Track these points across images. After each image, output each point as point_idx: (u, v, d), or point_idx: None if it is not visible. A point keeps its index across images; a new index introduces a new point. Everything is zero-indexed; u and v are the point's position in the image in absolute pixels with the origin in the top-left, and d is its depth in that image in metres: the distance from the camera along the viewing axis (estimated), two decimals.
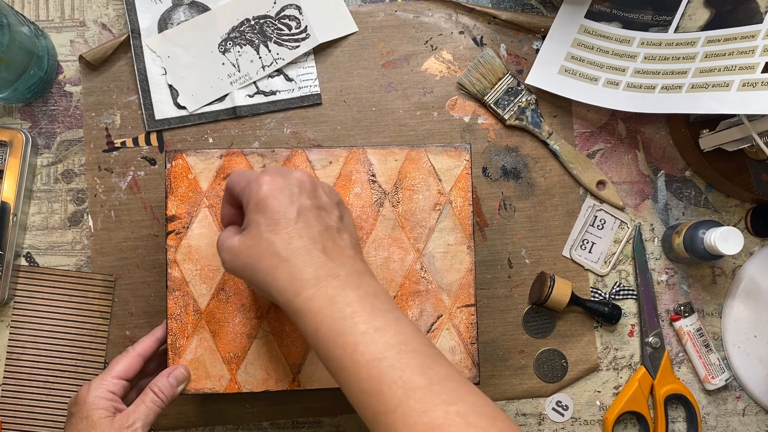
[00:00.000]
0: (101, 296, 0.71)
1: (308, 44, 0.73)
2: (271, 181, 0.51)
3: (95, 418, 0.56)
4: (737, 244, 0.66)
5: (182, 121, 0.73)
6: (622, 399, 0.73)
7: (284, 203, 0.50)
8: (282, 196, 0.50)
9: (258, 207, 0.50)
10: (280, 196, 0.50)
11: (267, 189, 0.50)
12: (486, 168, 0.74)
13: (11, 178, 0.69)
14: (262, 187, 0.51)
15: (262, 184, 0.51)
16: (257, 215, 0.50)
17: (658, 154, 0.76)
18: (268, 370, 0.63)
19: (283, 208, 0.50)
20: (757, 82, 0.62)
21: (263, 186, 0.51)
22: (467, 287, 0.65)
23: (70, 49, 0.74)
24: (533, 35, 0.76)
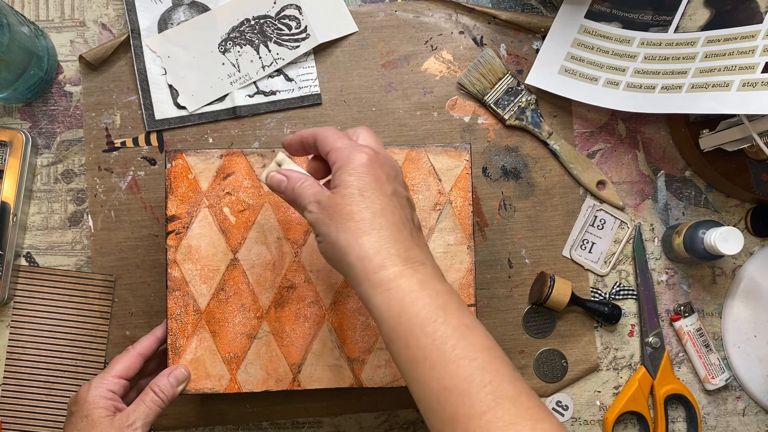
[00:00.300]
0: (101, 296, 0.71)
1: (308, 44, 0.73)
2: (373, 155, 0.49)
3: (95, 417, 0.56)
4: (737, 244, 0.66)
5: (182, 121, 0.73)
6: (622, 399, 0.73)
7: (381, 178, 0.49)
8: (380, 169, 0.49)
9: (356, 170, 0.48)
10: (378, 168, 0.49)
11: (368, 158, 0.48)
12: (486, 168, 0.74)
13: (11, 178, 0.69)
14: (363, 152, 0.49)
15: (364, 149, 0.49)
16: (353, 177, 0.48)
17: (658, 154, 0.76)
18: (268, 370, 0.63)
19: (379, 180, 0.48)
20: (757, 82, 0.62)
21: (364, 154, 0.49)
22: (467, 287, 0.65)
23: (70, 49, 0.74)
24: (533, 35, 0.76)
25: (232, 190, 0.64)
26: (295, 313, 0.63)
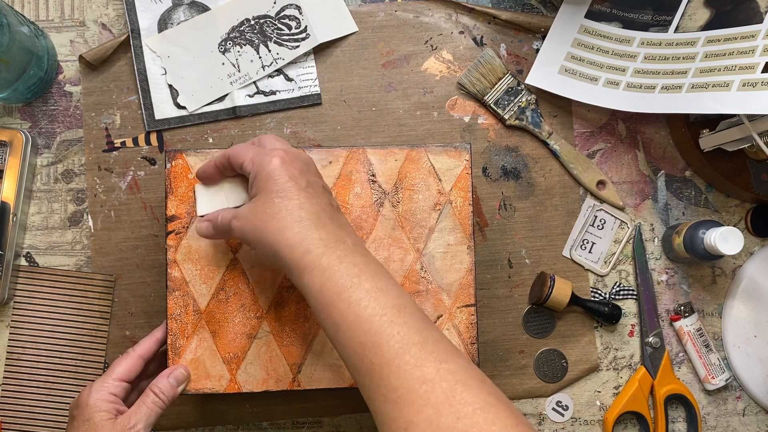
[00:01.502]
0: (101, 296, 0.71)
1: (308, 44, 0.73)
2: (284, 155, 0.54)
3: (97, 421, 0.56)
4: (737, 244, 0.66)
5: (182, 121, 0.73)
6: (622, 399, 0.73)
7: (295, 174, 0.53)
8: (292, 168, 0.53)
9: (270, 177, 0.53)
10: (291, 168, 0.53)
11: (279, 161, 0.53)
12: (486, 168, 0.74)
13: (11, 178, 0.69)
14: (273, 158, 0.53)
15: (273, 155, 0.53)
16: (268, 184, 0.53)
17: (658, 154, 0.76)
18: (268, 370, 0.63)
19: (294, 178, 0.53)
20: (757, 82, 0.62)
21: (275, 158, 0.53)
22: (467, 287, 0.65)
23: (70, 49, 0.74)
24: (533, 35, 0.76)
25: None
26: (295, 313, 0.63)
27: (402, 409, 0.44)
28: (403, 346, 0.46)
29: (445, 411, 0.43)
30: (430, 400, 0.44)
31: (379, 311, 0.48)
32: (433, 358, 0.46)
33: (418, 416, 0.43)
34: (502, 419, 0.43)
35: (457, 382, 0.44)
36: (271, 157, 0.53)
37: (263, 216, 0.52)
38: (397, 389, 0.45)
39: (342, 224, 0.54)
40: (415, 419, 0.43)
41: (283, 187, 0.52)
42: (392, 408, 0.45)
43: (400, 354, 0.46)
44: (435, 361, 0.45)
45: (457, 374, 0.45)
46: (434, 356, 0.46)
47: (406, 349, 0.46)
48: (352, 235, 0.54)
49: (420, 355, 0.46)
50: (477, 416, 0.43)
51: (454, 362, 0.46)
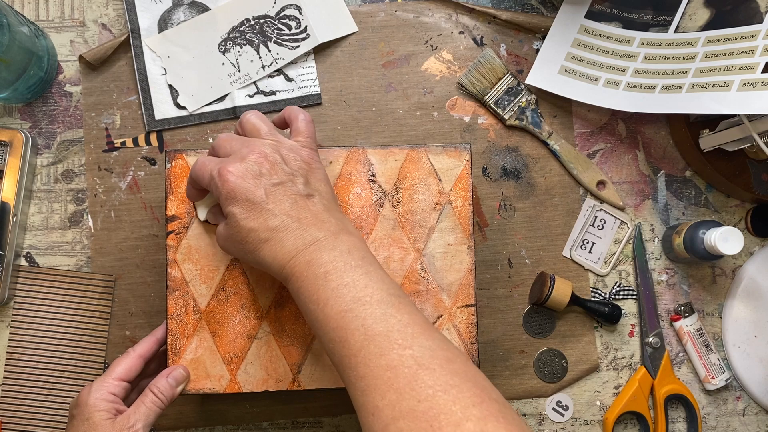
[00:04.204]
0: (101, 296, 0.71)
1: (308, 44, 0.73)
2: (233, 172, 0.53)
3: (96, 420, 0.56)
4: (737, 244, 0.66)
5: (182, 121, 0.73)
6: (622, 399, 0.73)
7: (250, 189, 0.53)
8: (245, 183, 0.53)
9: (228, 199, 0.53)
10: (244, 183, 0.53)
11: (232, 181, 0.53)
12: (486, 168, 0.74)
13: (11, 178, 0.69)
14: (226, 180, 0.53)
15: (225, 177, 0.53)
16: (231, 207, 0.53)
17: (658, 154, 0.76)
18: (268, 370, 0.63)
19: (250, 194, 0.53)
20: (757, 82, 0.62)
21: (227, 179, 0.53)
22: (467, 287, 0.65)
23: (70, 49, 0.74)
24: (533, 35, 0.76)
25: None
26: (295, 313, 0.63)
27: (368, 396, 0.47)
28: (367, 338, 0.48)
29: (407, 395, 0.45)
30: (393, 385, 0.46)
31: (343, 307, 0.50)
32: (396, 346, 0.47)
33: (382, 401, 0.46)
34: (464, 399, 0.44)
35: (419, 367, 0.46)
36: (222, 180, 0.53)
37: (235, 240, 0.54)
38: (364, 377, 0.47)
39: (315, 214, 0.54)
40: (380, 404, 0.46)
41: (243, 207, 0.53)
42: (360, 395, 0.47)
43: (365, 345, 0.48)
44: (398, 348, 0.47)
45: (420, 359, 0.47)
46: (398, 343, 0.48)
47: (370, 339, 0.48)
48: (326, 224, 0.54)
49: (384, 344, 0.48)
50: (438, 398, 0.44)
51: (419, 347, 0.47)
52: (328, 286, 0.51)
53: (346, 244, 0.53)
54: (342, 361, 0.49)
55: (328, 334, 0.50)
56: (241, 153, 0.55)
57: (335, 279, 0.51)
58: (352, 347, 0.49)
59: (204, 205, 0.62)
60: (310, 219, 0.54)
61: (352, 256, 0.53)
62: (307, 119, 0.60)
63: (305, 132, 0.59)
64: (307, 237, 0.53)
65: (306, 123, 0.59)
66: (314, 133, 0.60)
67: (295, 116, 0.60)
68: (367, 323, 0.49)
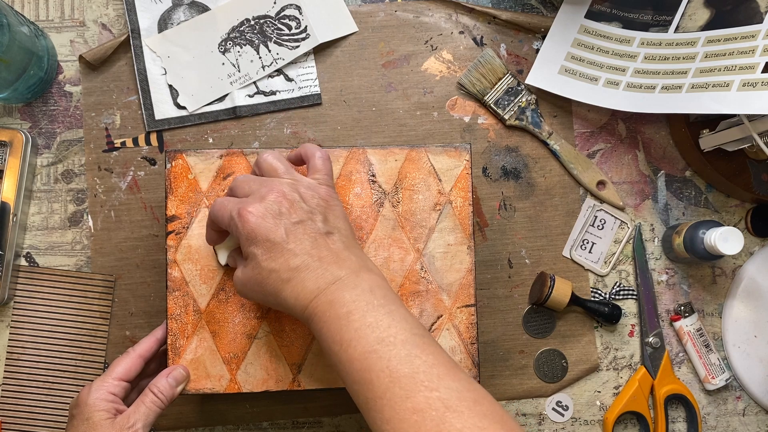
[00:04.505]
0: (101, 296, 0.71)
1: (308, 44, 0.73)
2: (252, 212, 0.53)
3: (96, 420, 0.56)
4: (737, 244, 0.66)
5: (182, 121, 0.73)
6: (622, 399, 0.73)
7: (271, 229, 0.53)
8: (266, 223, 0.53)
9: (249, 240, 0.53)
10: (264, 224, 0.53)
11: (252, 221, 0.53)
12: (486, 168, 0.74)
13: (11, 178, 0.69)
14: (246, 221, 0.53)
15: (245, 218, 0.53)
16: (251, 248, 0.53)
17: (658, 154, 0.76)
18: (268, 370, 0.63)
19: (271, 234, 0.53)
20: (757, 82, 0.62)
21: (247, 219, 0.53)
22: (467, 287, 0.65)
23: (70, 49, 0.74)
24: (533, 35, 0.76)
25: None
26: None
27: None
28: (392, 380, 0.47)
29: None
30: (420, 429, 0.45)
31: (368, 348, 0.49)
32: (423, 387, 0.47)
33: None
34: None
35: (447, 409, 0.45)
36: (243, 221, 0.53)
37: (257, 281, 0.54)
38: (390, 421, 0.46)
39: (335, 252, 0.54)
40: None
41: (264, 248, 0.53)
42: None
43: (390, 387, 0.47)
44: (425, 390, 0.46)
45: (447, 401, 0.46)
46: (424, 385, 0.47)
47: (396, 382, 0.47)
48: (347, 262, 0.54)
49: (409, 386, 0.47)
50: None
51: (446, 388, 0.47)
52: (351, 326, 0.50)
53: (368, 282, 0.53)
54: (367, 403, 0.48)
55: (352, 375, 0.49)
56: (260, 193, 0.55)
57: (358, 319, 0.50)
58: (377, 389, 0.47)
59: (225, 248, 0.61)
60: (330, 258, 0.53)
61: (374, 294, 0.52)
62: (324, 156, 0.59)
63: (322, 169, 0.58)
64: (329, 276, 0.52)
65: (323, 161, 0.59)
66: (331, 170, 0.59)
67: (311, 154, 0.59)
68: (392, 364, 0.48)
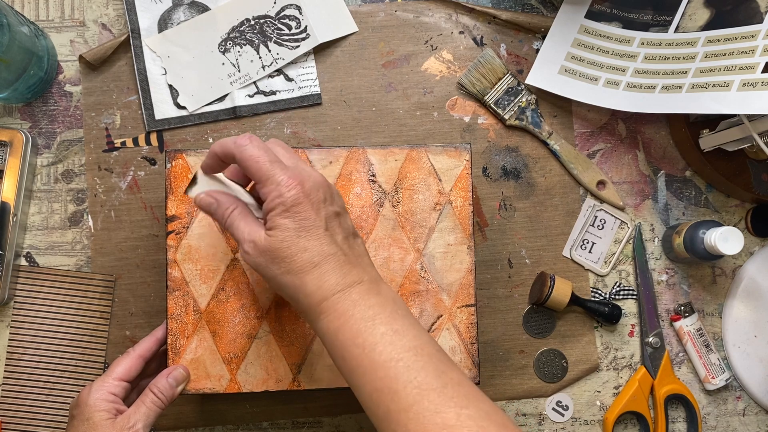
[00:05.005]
0: (101, 296, 0.71)
1: (308, 44, 0.73)
2: (298, 186, 0.50)
3: (97, 420, 0.56)
4: (737, 244, 0.66)
5: (182, 121, 0.73)
6: (622, 399, 0.73)
7: (315, 209, 0.51)
8: (309, 202, 0.51)
9: (288, 211, 0.50)
10: (307, 202, 0.50)
11: (295, 194, 0.50)
12: (486, 168, 0.74)
13: (11, 178, 0.69)
14: (290, 190, 0.50)
15: (290, 187, 0.50)
16: (286, 219, 0.50)
17: (658, 154, 0.76)
18: (268, 370, 0.63)
19: (312, 214, 0.50)
20: (757, 82, 0.62)
21: (291, 190, 0.50)
22: (467, 287, 0.65)
23: (70, 49, 0.74)
24: (533, 35, 0.76)
25: None
26: (295, 313, 0.63)
27: None
28: (421, 392, 0.45)
29: None
30: None
31: (395, 356, 0.47)
32: (453, 404, 0.45)
33: None
34: None
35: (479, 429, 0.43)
36: (290, 189, 0.50)
37: (281, 255, 0.50)
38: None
39: (358, 256, 0.52)
40: None
41: (302, 225, 0.50)
42: None
43: (419, 400, 0.45)
44: (455, 407, 0.44)
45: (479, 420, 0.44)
46: (454, 401, 0.45)
47: (425, 394, 0.45)
48: (367, 269, 0.52)
49: (439, 400, 0.45)
50: None
51: (476, 407, 0.45)
52: (377, 330, 0.48)
53: (390, 293, 0.52)
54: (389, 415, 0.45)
55: (375, 383, 0.47)
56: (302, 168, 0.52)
57: (384, 323, 0.48)
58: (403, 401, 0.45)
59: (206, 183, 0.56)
60: (355, 259, 0.52)
61: (397, 305, 0.51)
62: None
63: None
64: (353, 276, 0.51)
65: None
66: None
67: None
68: (420, 376, 0.46)
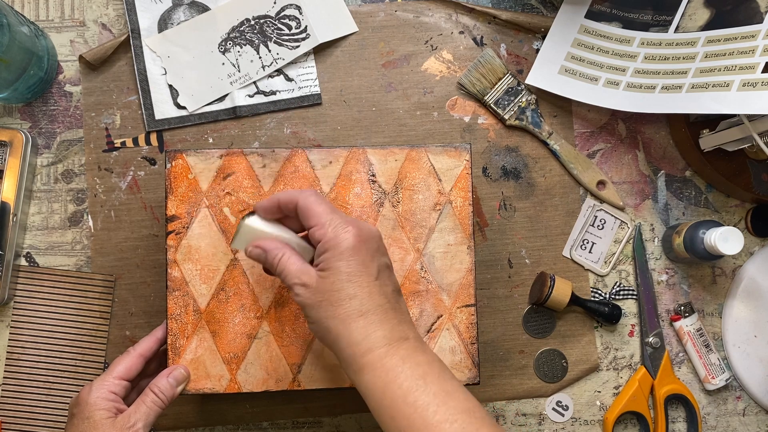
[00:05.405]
0: (101, 296, 0.71)
1: (308, 44, 0.73)
2: (358, 233, 0.51)
3: (97, 419, 0.56)
4: (737, 244, 0.66)
5: (182, 121, 0.73)
6: (622, 399, 0.73)
7: (367, 258, 0.51)
8: (365, 250, 0.51)
9: (342, 255, 0.50)
10: (364, 249, 0.51)
11: (354, 240, 0.51)
12: (486, 168, 0.74)
13: (11, 178, 0.69)
14: (350, 234, 0.51)
15: (350, 231, 0.51)
16: (340, 262, 0.50)
17: (658, 154, 0.76)
18: (268, 370, 0.63)
19: (366, 262, 0.51)
20: (757, 82, 0.62)
21: (352, 234, 0.51)
22: (467, 287, 0.65)
23: (70, 49, 0.74)
24: (533, 35, 0.76)
25: (232, 190, 0.64)
26: (295, 313, 0.63)
27: None
28: None
29: None
30: None
31: (449, 417, 0.47)
32: None
33: None
34: None
35: None
36: (346, 234, 0.51)
37: (330, 299, 0.50)
38: None
39: (403, 312, 0.53)
40: None
41: (354, 271, 0.50)
42: None
43: None
44: None
45: None
46: None
47: None
48: (412, 326, 0.53)
49: None
50: None
51: None
52: (429, 389, 0.48)
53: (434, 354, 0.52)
54: None
55: None
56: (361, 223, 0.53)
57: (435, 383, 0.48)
58: None
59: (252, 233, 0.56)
60: (401, 315, 0.52)
61: (443, 366, 0.51)
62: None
63: None
64: (400, 331, 0.51)
65: None
66: None
67: None
68: None
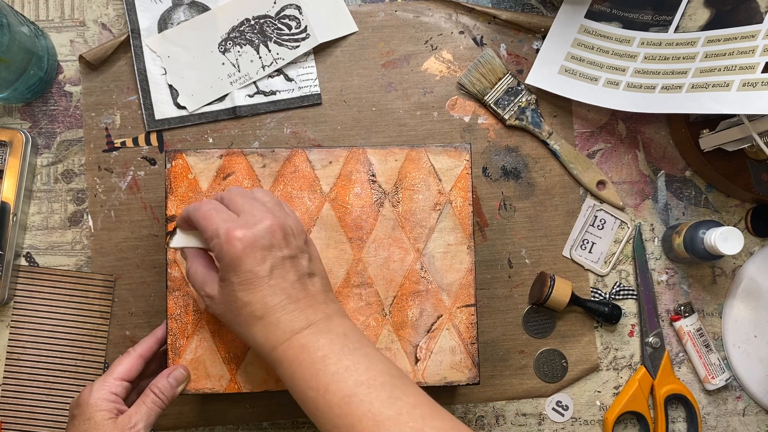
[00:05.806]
0: (101, 296, 0.71)
1: (308, 44, 0.73)
2: (242, 238, 0.51)
3: (98, 420, 0.56)
4: (737, 244, 0.66)
5: (182, 121, 0.73)
6: (622, 399, 0.73)
7: (256, 261, 0.51)
8: (253, 253, 0.51)
9: (231, 266, 0.51)
10: (252, 254, 0.51)
11: (239, 249, 0.50)
12: (486, 168, 0.75)
13: (11, 178, 0.69)
14: (232, 247, 0.51)
15: (232, 242, 0.51)
16: (230, 274, 0.51)
17: (658, 154, 0.76)
18: (268, 370, 0.63)
19: (255, 266, 0.51)
20: (757, 82, 0.62)
21: (234, 245, 0.51)
22: (467, 287, 0.65)
23: (70, 49, 0.74)
24: (533, 35, 0.76)
25: None
26: None
27: None
28: (376, 423, 0.46)
29: None
30: None
31: (347, 392, 0.48)
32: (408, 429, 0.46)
33: None
34: None
35: None
36: (229, 244, 0.50)
37: (230, 308, 0.52)
38: None
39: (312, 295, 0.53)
40: None
41: (244, 279, 0.51)
42: None
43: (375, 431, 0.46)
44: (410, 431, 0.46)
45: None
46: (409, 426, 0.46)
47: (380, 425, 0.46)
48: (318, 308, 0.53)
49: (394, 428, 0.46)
50: None
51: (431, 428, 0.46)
52: (328, 370, 0.49)
53: (341, 327, 0.52)
54: None
55: (332, 421, 0.48)
56: (252, 215, 0.52)
57: (334, 362, 0.49)
58: None
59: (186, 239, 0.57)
60: (307, 300, 0.52)
61: (348, 338, 0.51)
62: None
63: None
64: (303, 320, 0.51)
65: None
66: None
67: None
68: (374, 408, 0.47)
